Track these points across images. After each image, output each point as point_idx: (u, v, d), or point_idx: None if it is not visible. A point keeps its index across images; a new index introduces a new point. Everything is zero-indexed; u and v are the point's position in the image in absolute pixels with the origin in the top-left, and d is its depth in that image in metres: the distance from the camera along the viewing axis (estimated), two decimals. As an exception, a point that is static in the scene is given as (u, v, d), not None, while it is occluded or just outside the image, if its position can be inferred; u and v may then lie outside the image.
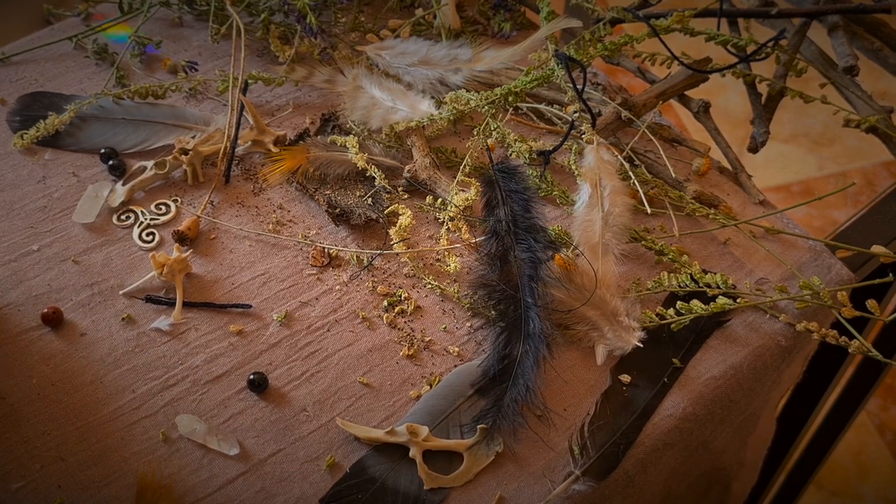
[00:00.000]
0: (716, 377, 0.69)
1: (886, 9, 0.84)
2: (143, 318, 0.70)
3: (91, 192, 0.77)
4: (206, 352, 0.68)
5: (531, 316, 0.66)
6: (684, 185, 0.79)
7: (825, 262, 0.75)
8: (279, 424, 0.65)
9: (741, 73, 0.81)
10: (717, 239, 0.77)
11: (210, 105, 0.85)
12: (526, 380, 0.65)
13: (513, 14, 0.94)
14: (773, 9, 0.85)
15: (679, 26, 0.79)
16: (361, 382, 0.67)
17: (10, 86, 0.86)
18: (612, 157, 0.73)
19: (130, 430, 0.64)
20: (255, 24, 0.90)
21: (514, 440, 0.64)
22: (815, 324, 0.69)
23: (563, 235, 0.74)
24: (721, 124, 0.86)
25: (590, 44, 0.79)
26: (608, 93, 0.84)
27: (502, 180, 0.72)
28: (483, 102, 0.77)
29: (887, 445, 1.68)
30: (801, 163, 2.08)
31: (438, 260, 0.74)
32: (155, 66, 0.89)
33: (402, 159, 0.79)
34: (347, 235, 0.76)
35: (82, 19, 0.94)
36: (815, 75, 0.86)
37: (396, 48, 0.85)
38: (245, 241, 0.75)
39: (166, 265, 0.70)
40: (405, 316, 0.71)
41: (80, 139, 0.81)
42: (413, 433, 0.63)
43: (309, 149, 0.79)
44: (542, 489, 0.63)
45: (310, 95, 0.87)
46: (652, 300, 0.73)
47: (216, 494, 0.61)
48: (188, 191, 0.78)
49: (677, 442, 0.67)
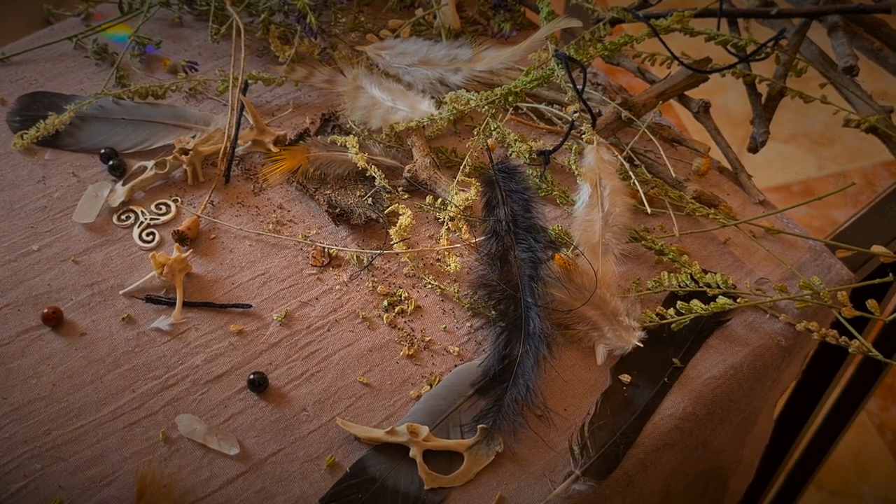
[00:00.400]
0: (716, 377, 0.69)
1: (886, 9, 0.84)
2: (143, 318, 0.70)
3: (91, 192, 0.77)
4: (206, 352, 0.68)
5: (531, 316, 0.66)
6: (684, 185, 0.79)
7: (825, 262, 0.76)
8: (279, 424, 0.65)
9: (741, 73, 0.81)
10: (717, 239, 0.77)
11: (210, 105, 0.85)
12: (526, 380, 0.65)
13: (513, 14, 0.94)
14: (773, 9, 0.85)
15: (679, 26, 0.79)
16: (361, 382, 0.67)
17: (10, 86, 0.86)
18: (612, 157, 0.73)
19: (130, 430, 0.64)
20: (255, 24, 0.90)
21: (514, 440, 0.64)
22: (815, 324, 0.69)
23: (564, 235, 0.74)
24: (721, 124, 0.86)
25: (590, 44, 0.79)
26: (608, 93, 0.84)
27: (502, 180, 0.72)
28: (483, 102, 0.77)
29: (887, 445, 1.68)
30: (800, 163, 2.08)
31: (438, 260, 0.74)
32: (155, 66, 0.89)
33: (402, 159, 0.79)
34: (347, 235, 0.76)
35: (82, 19, 0.94)
36: (815, 75, 0.86)
37: (396, 48, 0.85)
38: (245, 240, 0.75)
39: (166, 265, 0.70)
40: (405, 316, 0.71)
41: (80, 139, 0.81)
42: (413, 433, 0.63)
43: (309, 149, 0.79)
44: (542, 489, 0.63)
45: (310, 95, 0.87)
46: (652, 300, 0.73)
47: (216, 494, 0.61)
48: (188, 191, 0.78)
49: (677, 441, 0.67)
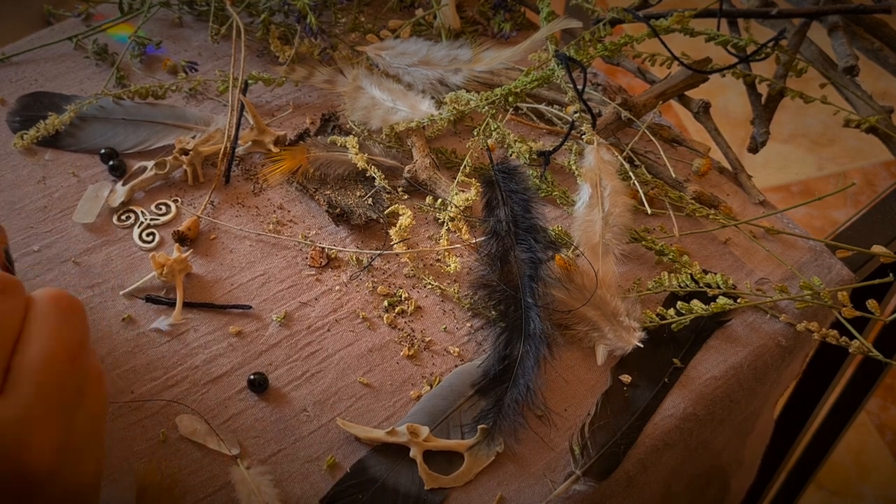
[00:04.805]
0: (716, 377, 0.69)
1: (886, 9, 0.84)
2: (143, 319, 0.70)
3: (91, 192, 0.77)
4: (205, 352, 0.68)
5: (532, 316, 0.66)
6: (684, 185, 0.79)
7: (825, 262, 0.76)
8: (279, 425, 0.65)
9: (741, 73, 0.81)
10: (717, 239, 0.77)
11: (210, 105, 0.85)
12: (526, 380, 0.65)
13: (513, 14, 0.94)
14: (773, 9, 0.85)
15: (679, 27, 0.79)
16: (362, 382, 0.67)
17: (10, 86, 0.86)
18: (612, 158, 0.73)
19: (130, 430, 0.64)
20: (255, 25, 0.90)
21: (514, 440, 0.64)
22: (815, 324, 0.69)
23: (564, 236, 0.74)
24: (721, 124, 0.86)
25: (590, 44, 0.79)
26: (608, 93, 0.84)
27: (502, 181, 0.72)
28: (483, 103, 0.77)
29: (887, 445, 1.68)
30: (800, 163, 2.09)
31: (438, 260, 0.74)
32: (155, 66, 0.89)
33: (402, 159, 0.79)
34: (347, 236, 0.76)
35: (82, 20, 0.94)
36: (815, 75, 0.86)
37: (396, 48, 0.85)
38: (245, 241, 0.75)
39: (166, 265, 0.70)
40: (405, 316, 0.71)
41: (80, 139, 0.81)
42: (413, 433, 0.63)
43: (309, 149, 0.79)
44: (542, 489, 0.63)
45: (310, 96, 0.87)
46: (652, 300, 0.73)
47: (216, 494, 0.61)
48: (188, 191, 0.78)
49: (678, 442, 0.67)
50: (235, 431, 0.64)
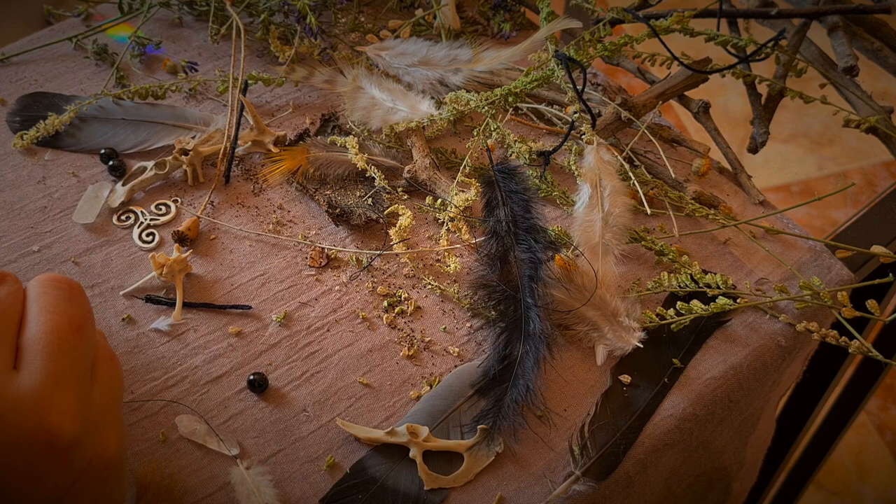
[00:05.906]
0: (716, 377, 0.69)
1: (886, 9, 0.84)
2: (143, 319, 0.70)
3: (91, 192, 0.77)
4: (205, 352, 0.68)
5: (531, 316, 0.66)
6: (684, 185, 0.79)
7: (825, 262, 0.76)
8: (279, 425, 0.65)
9: (741, 73, 0.81)
10: (716, 239, 0.77)
11: (210, 105, 0.85)
12: (526, 380, 0.65)
13: (513, 14, 0.94)
14: (773, 9, 0.85)
15: (679, 27, 0.79)
16: (361, 383, 0.67)
17: (10, 86, 0.86)
18: (611, 158, 0.73)
19: (130, 430, 0.64)
20: (255, 25, 0.90)
21: (514, 441, 0.64)
22: (815, 324, 0.69)
23: (563, 236, 0.74)
24: (721, 124, 0.86)
25: (590, 44, 0.79)
26: (608, 93, 0.84)
27: (502, 181, 0.72)
28: (483, 103, 0.77)
29: (887, 445, 1.68)
30: (800, 163, 2.09)
31: (438, 260, 0.74)
32: (155, 66, 0.89)
33: (402, 160, 0.79)
34: (347, 236, 0.76)
35: (82, 20, 0.94)
36: (815, 75, 0.86)
37: (396, 49, 0.85)
38: (245, 241, 0.75)
39: (166, 265, 0.70)
40: (405, 316, 0.71)
41: (80, 139, 0.81)
42: (413, 433, 0.63)
43: (309, 149, 0.79)
44: (542, 489, 0.63)
45: (310, 96, 0.87)
46: (652, 300, 0.73)
47: (216, 494, 0.61)
48: (188, 191, 0.78)
49: (678, 442, 0.67)
50: (235, 431, 0.64)
